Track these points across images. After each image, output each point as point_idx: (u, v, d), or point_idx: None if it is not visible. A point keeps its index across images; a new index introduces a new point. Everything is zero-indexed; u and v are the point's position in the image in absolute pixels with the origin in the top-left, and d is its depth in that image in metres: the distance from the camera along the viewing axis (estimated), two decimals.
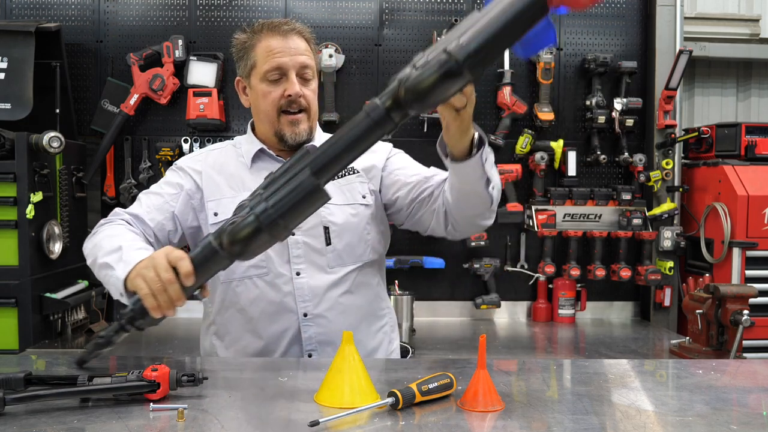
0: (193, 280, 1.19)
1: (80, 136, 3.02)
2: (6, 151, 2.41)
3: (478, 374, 1.08)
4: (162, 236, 1.61)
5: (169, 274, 1.19)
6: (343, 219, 1.61)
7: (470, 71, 0.99)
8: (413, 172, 1.66)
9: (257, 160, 1.65)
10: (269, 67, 1.56)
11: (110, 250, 1.38)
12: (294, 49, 1.56)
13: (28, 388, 1.10)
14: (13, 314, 2.42)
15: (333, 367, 1.08)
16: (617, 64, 3.12)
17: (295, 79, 1.56)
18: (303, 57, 1.57)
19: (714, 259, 2.95)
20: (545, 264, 3.10)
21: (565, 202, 3.10)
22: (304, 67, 1.57)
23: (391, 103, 1.07)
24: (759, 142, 3.05)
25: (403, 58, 3.13)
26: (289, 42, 1.57)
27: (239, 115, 3.11)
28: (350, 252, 1.61)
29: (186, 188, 1.64)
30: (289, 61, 1.55)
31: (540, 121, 3.08)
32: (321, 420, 0.95)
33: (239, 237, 1.13)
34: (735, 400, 1.13)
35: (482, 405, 1.06)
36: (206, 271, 1.21)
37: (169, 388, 1.10)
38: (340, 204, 1.62)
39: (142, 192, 1.68)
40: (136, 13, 3.07)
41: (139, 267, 1.26)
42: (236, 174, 1.64)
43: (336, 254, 1.60)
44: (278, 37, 1.57)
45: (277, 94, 1.57)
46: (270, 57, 1.56)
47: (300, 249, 1.58)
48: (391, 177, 1.67)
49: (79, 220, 2.91)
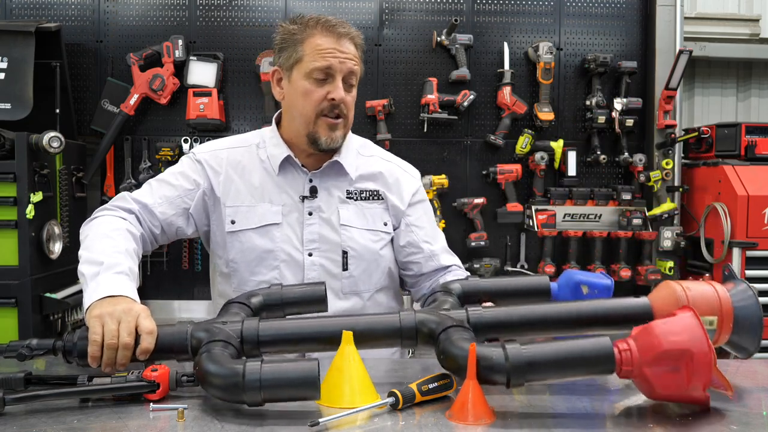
0: (147, 357, 1.13)
1: (80, 136, 3.02)
2: (6, 151, 2.41)
3: (468, 385, 1.02)
4: (169, 231, 1.57)
5: (130, 338, 1.13)
6: (363, 244, 1.57)
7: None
8: (426, 238, 1.65)
9: (282, 168, 1.58)
10: (317, 65, 1.48)
11: (92, 259, 1.32)
12: (345, 53, 1.50)
13: (28, 388, 1.10)
14: (13, 314, 2.42)
15: (333, 367, 1.07)
16: (617, 64, 3.13)
17: (341, 84, 1.49)
18: (352, 63, 1.51)
19: (714, 259, 2.95)
20: (545, 264, 3.10)
21: (565, 202, 3.10)
22: (351, 73, 1.52)
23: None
24: (759, 142, 3.05)
25: (403, 58, 3.13)
26: (342, 45, 1.50)
27: (239, 115, 3.11)
28: (366, 279, 1.58)
29: (203, 186, 1.57)
30: (338, 64, 1.49)
31: (540, 121, 3.08)
32: (321, 420, 0.95)
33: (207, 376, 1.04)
34: (735, 400, 1.13)
35: (471, 418, 1.00)
36: (163, 356, 1.15)
37: (169, 388, 1.10)
38: (360, 228, 1.58)
39: (154, 178, 1.60)
40: (136, 13, 3.07)
41: (105, 307, 1.18)
42: (259, 183, 1.58)
43: (352, 281, 1.56)
44: (332, 38, 1.50)
45: (320, 95, 1.50)
46: (319, 56, 1.48)
47: (315, 271, 1.55)
48: (407, 231, 1.64)
49: (79, 220, 2.88)
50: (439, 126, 3.12)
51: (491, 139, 3.10)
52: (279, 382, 0.99)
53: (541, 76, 3.07)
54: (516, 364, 1.00)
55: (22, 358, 1.16)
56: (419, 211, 1.68)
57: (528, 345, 1.02)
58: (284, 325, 1.19)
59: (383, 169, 1.65)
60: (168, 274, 3.09)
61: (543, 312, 1.22)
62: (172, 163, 3.02)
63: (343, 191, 1.60)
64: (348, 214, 1.58)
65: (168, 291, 3.10)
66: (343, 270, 1.55)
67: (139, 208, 1.52)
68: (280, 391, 0.99)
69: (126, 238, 1.42)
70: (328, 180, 1.59)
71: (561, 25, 3.19)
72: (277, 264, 1.54)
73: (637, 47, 3.22)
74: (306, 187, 1.58)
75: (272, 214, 1.56)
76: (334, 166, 1.59)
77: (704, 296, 1.16)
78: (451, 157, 3.15)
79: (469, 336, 1.11)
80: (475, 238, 3.08)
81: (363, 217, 1.59)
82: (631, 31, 3.22)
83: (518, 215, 3.11)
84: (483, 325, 1.17)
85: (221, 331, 1.13)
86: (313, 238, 1.56)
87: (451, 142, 3.16)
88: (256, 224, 1.55)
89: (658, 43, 3.15)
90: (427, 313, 1.18)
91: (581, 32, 3.20)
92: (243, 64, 3.08)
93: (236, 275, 1.57)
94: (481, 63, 3.16)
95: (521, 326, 1.20)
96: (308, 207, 1.57)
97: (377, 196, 1.62)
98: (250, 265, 1.55)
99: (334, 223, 1.57)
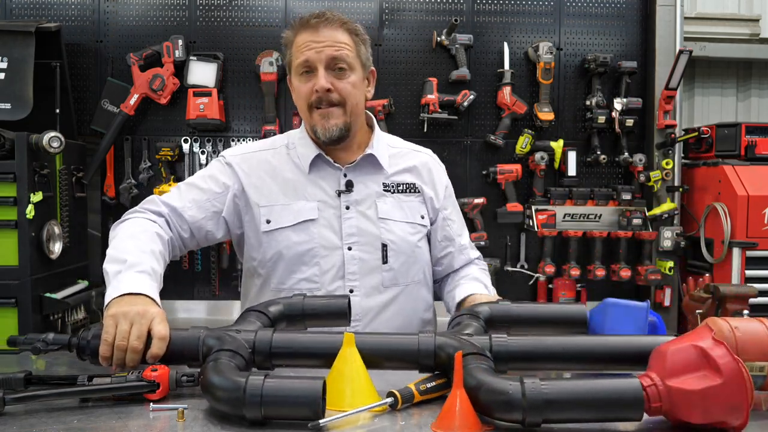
0: (155, 361, 1.14)
1: (80, 136, 3.02)
2: (6, 151, 2.41)
3: (455, 395, 0.96)
4: (199, 235, 1.56)
5: (139, 342, 1.13)
6: (402, 237, 1.57)
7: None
8: (458, 231, 1.71)
9: (314, 166, 1.58)
10: (298, 62, 1.50)
11: (117, 257, 1.33)
12: (322, 41, 1.48)
13: (28, 388, 1.10)
14: (13, 314, 2.42)
15: (334, 369, 1.07)
16: (617, 64, 3.13)
17: (322, 73, 1.47)
18: (331, 49, 1.48)
19: (714, 259, 2.95)
20: (545, 264, 3.10)
21: (565, 202, 3.10)
22: (334, 59, 1.48)
23: None
24: (759, 142, 3.05)
25: (403, 58, 3.13)
26: (319, 35, 1.48)
27: (239, 115, 3.11)
28: (405, 272, 1.58)
29: (233, 189, 1.57)
30: (315, 55, 1.48)
31: (540, 121, 3.08)
32: (321, 421, 0.95)
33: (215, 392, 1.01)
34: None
35: (458, 430, 0.94)
36: (174, 361, 1.15)
37: (169, 388, 1.10)
38: (398, 221, 1.58)
39: (183, 182, 1.61)
40: (136, 13, 3.07)
41: (122, 306, 1.19)
42: (291, 180, 1.57)
43: (392, 274, 1.56)
44: (308, 31, 1.50)
45: (307, 89, 1.50)
46: (299, 52, 1.50)
47: (356, 265, 1.54)
48: (444, 225, 1.67)
49: (79, 220, 2.91)
50: (439, 126, 3.12)
51: (491, 139, 3.10)
52: (280, 400, 0.96)
53: (541, 76, 3.07)
54: (533, 402, 0.92)
55: (37, 351, 1.18)
56: (451, 204, 1.72)
57: (548, 381, 0.94)
58: (298, 339, 1.16)
59: (416, 162, 1.67)
60: (168, 274, 3.05)
61: (575, 344, 1.12)
62: (172, 163, 3.04)
63: (380, 184, 1.60)
64: (386, 207, 1.58)
65: (168, 291, 3.03)
66: (384, 263, 1.55)
67: (169, 211, 1.52)
68: (281, 409, 0.96)
69: (152, 240, 1.43)
70: (363, 174, 1.59)
71: (561, 25, 3.19)
72: (317, 260, 1.53)
73: (637, 47, 3.22)
74: (342, 181, 1.58)
75: (308, 210, 1.55)
76: (368, 159, 1.60)
77: (756, 338, 1.00)
78: (451, 157, 3.14)
79: (488, 365, 1.03)
80: (475, 238, 3.07)
81: (401, 209, 1.59)
82: (631, 31, 3.22)
83: (518, 215, 3.11)
84: (506, 354, 1.09)
85: (232, 341, 1.11)
86: (352, 232, 1.55)
87: (451, 142, 3.16)
88: (292, 221, 1.54)
89: (658, 43, 3.15)
90: (447, 337, 1.11)
91: (581, 32, 3.20)
92: (243, 64, 3.08)
93: (275, 275, 1.55)
94: (481, 63, 3.16)
95: (549, 359, 1.11)
96: (345, 201, 1.56)
97: (414, 189, 1.63)
98: (288, 263, 1.54)
99: (372, 217, 1.57)
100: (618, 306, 1.29)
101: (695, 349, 0.94)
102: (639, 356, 1.07)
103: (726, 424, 0.93)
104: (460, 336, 1.13)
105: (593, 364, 1.12)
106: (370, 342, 1.12)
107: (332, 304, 1.32)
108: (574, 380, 1.01)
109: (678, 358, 0.94)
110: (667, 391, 0.93)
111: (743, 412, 0.90)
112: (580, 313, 1.29)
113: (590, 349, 1.12)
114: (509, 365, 1.10)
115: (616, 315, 1.29)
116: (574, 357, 1.12)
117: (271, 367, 1.13)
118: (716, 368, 0.91)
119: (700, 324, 1.14)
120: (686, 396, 0.92)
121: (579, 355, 1.12)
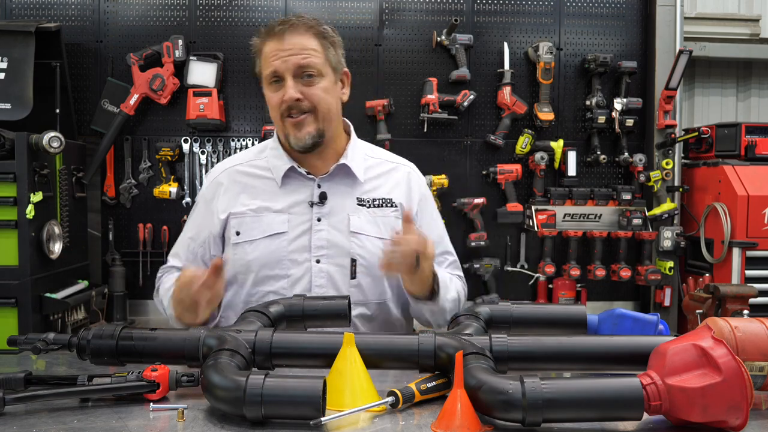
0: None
1: (80, 136, 3.02)
2: (6, 151, 2.41)
3: (455, 394, 0.96)
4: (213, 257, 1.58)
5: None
6: (373, 252, 1.51)
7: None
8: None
9: (287, 178, 1.55)
10: (266, 73, 1.49)
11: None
12: (288, 49, 1.45)
13: (28, 388, 1.10)
14: (13, 314, 2.42)
15: (334, 369, 1.07)
16: (617, 64, 3.13)
17: (290, 83, 1.45)
18: (297, 57, 1.44)
19: (714, 259, 2.95)
20: (545, 264, 3.10)
21: (565, 202, 3.10)
22: (300, 67, 1.45)
23: None
24: (759, 142, 3.05)
25: (403, 58, 3.13)
26: (285, 43, 1.45)
27: (239, 115, 3.11)
28: (373, 289, 1.53)
29: (211, 229, 1.57)
30: (281, 64, 1.45)
31: (540, 121, 3.08)
32: (322, 420, 0.95)
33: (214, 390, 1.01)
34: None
35: (459, 429, 0.94)
36: (174, 360, 1.16)
37: (169, 388, 1.10)
38: (371, 236, 1.53)
39: (180, 236, 1.65)
40: (136, 13, 3.07)
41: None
42: (264, 193, 1.55)
43: (359, 290, 1.51)
44: (274, 40, 1.47)
45: (277, 99, 1.48)
46: (266, 63, 1.48)
47: (323, 278, 1.50)
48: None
49: (79, 220, 2.91)
50: (439, 126, 3.12)
51: (491, 139, 3.10)
52: (281, 399, 0.95)
53: (541, 76, 3.07)
54: (533, 401, 0.92)
55: (37, 351, 1.18)
56: (428, 216, 1.66)
57: (548, 380, 0.95)
58: (298, 339, 1.16)
59: (393, 174, 1.63)
60: None
61: (575, 345, 1.13)
62: (172, 163, 3.05)
63: (354, 198, 1.56)
64: (359, 222, 1.54)
65: None
66: (351, 278, 1.51)
67: (181, 264, 1.59)
68: (281, 409, 0.96)
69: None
70: (337, 185, 1.56)
71: (561, 25, 3.19)
72: (285, 273, 1.51)
73: (637, 47, 3.22)
74: (315, 192, 1.54)
75: (278, 223, 1.52)
76: (343, 168, 1.56)
77: (755, 339, 1.01)
78: (451, 157, 3.15)
79: (488, 365, 1.03)
80: (475, 238, 3.08)
81: (375, 224, 1.54)
82: (631, 31, 3.22)
83: (518, 215, 3.11)
84: (506, 354, 1.09)
85: (232, 340, 1.11)
86: (322, 245, 1.52)
87: (451, 142, 3.16)
88: (260, 235, 1.52)
89: (658, 43, 3.15)
90: (448, 337, 1.12)
91: (581, 32, 3.20)
92: (243, 64, 3.08)
93: (245, 286, 1.53)
94: (481, 63, 3.16)
95: (549, 359, 1.12)
96: (317, 213, 1.53)
97: (390, 203, 1.58)
98: (257, 275, 1.51)
99: (343, 230, 1.53)
100: (627, 318, 1.30)
101: (695, 349, 0.94)
102: (639, 356, 1.08)
103: (726, 423, 0.93)
104: (460, 336, 1.14)
105: (593, 364, 1.12)
106: (371, 342, 1.13)
107: (332, 304, 1.32)
108: (574, 380, 1.02)
109: (678, 358, 0.95)
110: (666, 390, 0.93)
111: (743, 411, 0.91)
112: (579, 313, 1.29)
113: (590, 350, 1.12)
114: (509, 365, 1.10)
115: (625, 327, 1.30)
116: (574, 357, 1.12)
117: (271, 367, 1.14)
118: (716, 367, 0.91)
119: (700, 324, 1.14)
120: (686, 394, 0.92)
121: (579, 356, 1.12)
